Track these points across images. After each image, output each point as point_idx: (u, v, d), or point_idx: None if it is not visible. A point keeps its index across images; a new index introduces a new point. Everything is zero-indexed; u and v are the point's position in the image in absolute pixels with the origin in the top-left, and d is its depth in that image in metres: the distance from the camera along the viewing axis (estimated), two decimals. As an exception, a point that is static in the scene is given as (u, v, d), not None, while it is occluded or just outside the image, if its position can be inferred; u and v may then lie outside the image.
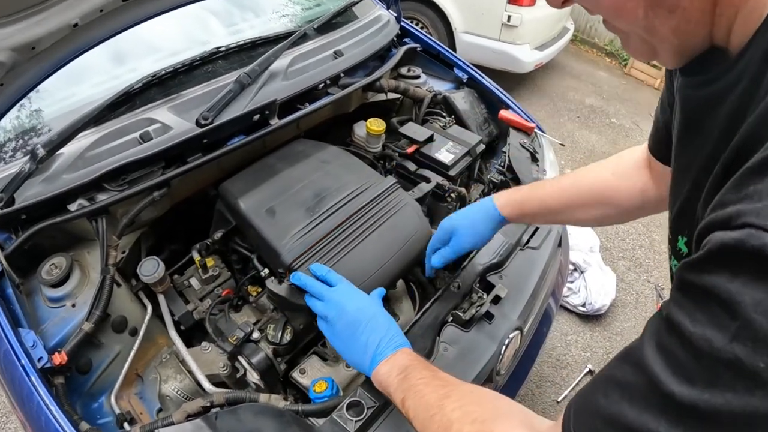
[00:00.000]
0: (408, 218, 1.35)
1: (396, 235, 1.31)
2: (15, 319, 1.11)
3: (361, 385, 1.07)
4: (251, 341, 1.21)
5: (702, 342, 0.43)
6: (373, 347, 0.95)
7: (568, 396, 2.46)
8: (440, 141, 1.69)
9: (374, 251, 1.27)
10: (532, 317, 1.41)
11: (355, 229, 1.28)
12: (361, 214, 1.30)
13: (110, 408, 1.19)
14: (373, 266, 1.24)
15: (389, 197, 1.35)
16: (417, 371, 0.87)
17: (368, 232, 1.29)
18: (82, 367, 1.18)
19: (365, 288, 1.12)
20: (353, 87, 1.64)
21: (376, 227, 1.30)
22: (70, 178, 1.26)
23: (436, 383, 0.84)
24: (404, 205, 1.36)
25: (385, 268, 1.26)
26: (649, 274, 3.20)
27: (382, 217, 1.32)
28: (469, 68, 2.03)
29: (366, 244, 1.27)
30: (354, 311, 1.01)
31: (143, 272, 1.26)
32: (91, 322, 1.15)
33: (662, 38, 0.59)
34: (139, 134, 1.36)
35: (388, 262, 1.26)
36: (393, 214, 1.33)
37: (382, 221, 1.31)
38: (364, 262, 1.24)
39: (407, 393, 0.85)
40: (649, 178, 1.03)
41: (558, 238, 1.61)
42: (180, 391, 1.27)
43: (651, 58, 0.66)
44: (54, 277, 1.20)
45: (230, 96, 1.42)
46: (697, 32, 0.58)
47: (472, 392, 0.82)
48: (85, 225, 1.29)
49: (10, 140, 1.38)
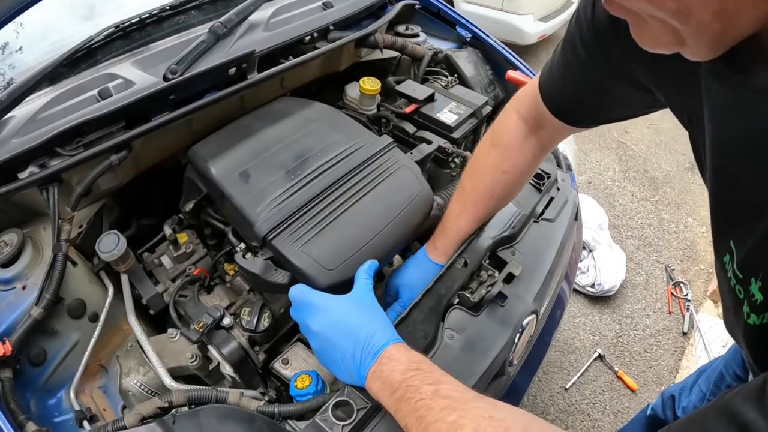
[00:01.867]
0: (406, 182, 1.16)
1: (392, 201, 1.12)
2: None
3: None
4: (222, 328, 1.05)
5: None
6: (350, 359, 0.79)
7: (576, 382, 2.32)
8: (442, 101, 1.51)
9: (366, 219, 1.08)
10: (547, 299, 1.24)
11: (342, 193, 1.10)
12: (351, 176, 1.12)
13: (70, 404, 1.09)
14: (364, 237, 1.05)
15: (384, 158, 1.17)
16: (413, 389, 0.70)
17: (359, 197, 1.10)
18: (34, 358, 1.07)
19: (354, 263, 0.95)
20: (344, 40, 1.45)
21: (368, 192, 1.11)
22: (20, 142, 1.11)
23: (440, 404, 0.67)
24: (401, 167, 1.17)
25: (379, 239, 1.06)
26: (659, 254, 3.06)
27: (375, 179, 1.13)
28: (473, 27, 1.84)
29: (356, 211, 1.08)
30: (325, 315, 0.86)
31: (102, 249, 1.12)
32: (41, 307, 1.03)
33: (698, 24, 0.45)
34: (97, 91, 1.20)
35: (382, 231, 1.07)
36: (388, 177, 1.15)
37: (375, 185, 1.12)
38: (353, 232, 1.06)
39: (408, 420, 0.69)
40: (536, 143, 1.04)
41: (575, 210, 1.44)
42: (143, 385, 1.13)
43: (673, 48, 0.50)
44: (4, 255, 1.09)
45: (203, 47, 1.24)
46: (748, 15, 0.44)
47: (491, 417, 0.64)
48: (39, 197, 1.14)
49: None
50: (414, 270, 1.12)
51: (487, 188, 1.09)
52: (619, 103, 0.85)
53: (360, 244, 1.04)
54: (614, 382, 2.37)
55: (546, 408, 2.23)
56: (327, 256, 1.01)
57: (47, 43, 1.40)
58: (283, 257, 1.00)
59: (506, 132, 1.05)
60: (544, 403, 2.24)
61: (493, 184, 1.08)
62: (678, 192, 3.53)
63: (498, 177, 1.07)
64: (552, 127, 0.97)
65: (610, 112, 0.90)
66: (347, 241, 1.04)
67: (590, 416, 2.25)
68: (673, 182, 3.60)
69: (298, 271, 0.99)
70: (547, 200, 1.36)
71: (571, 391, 2.30)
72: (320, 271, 0.99)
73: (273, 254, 1.02)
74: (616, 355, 2.48)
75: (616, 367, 2.41)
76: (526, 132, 1.03)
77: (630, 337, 2.58)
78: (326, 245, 1.02)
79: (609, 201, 3.34)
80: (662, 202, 3.44)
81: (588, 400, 2.30)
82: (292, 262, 0.99)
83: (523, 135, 1.03)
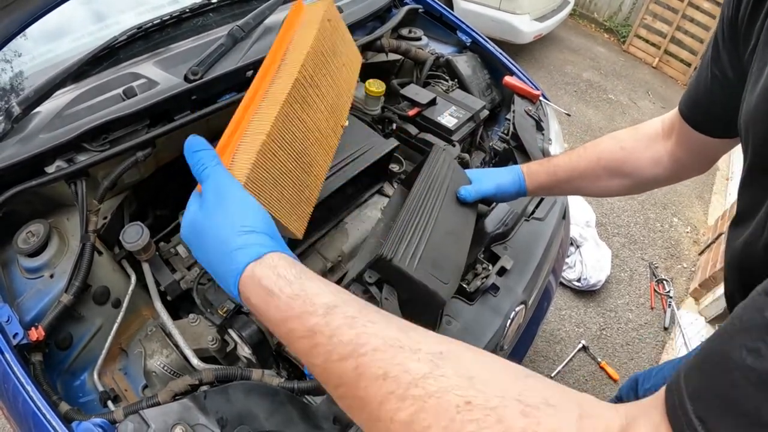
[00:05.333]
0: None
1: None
2: None
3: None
4: (242, 313, 1.14)
5: None
6: (230, 241, 0.61)
7: (561, 371, 2.44)
8: (443, 105, 1.61)
9: (452, 232, 1.04)
10: (536, 291, 1.35)
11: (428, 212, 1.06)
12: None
13: (93, 385, 1.13)
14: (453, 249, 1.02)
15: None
16: (347, 303, 0.53)
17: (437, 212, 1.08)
18: (61, 342, 1.12)
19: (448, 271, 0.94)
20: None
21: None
22: (48, 137, 1.17)
23: (398, 325, 0.51)
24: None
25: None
26: (644, 251, 3.18)
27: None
28: (473, 32, 1.94)
29: (440, 224, 1.04)
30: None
31: (126, 239, 1.17)
32: (70, 294, 1.08)
33: None
34: (122, 90, 1.26)
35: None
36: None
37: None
38: (446, 246, 1.00)
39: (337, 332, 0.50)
40: (667, 150, 1.01)
41: (563, 210, 1.55)
42: (166, 366, 1.19)
43: None
44: (31, 245, 1.13)
45: (222, 50, 1.32)
46: None
47: (475, 359, 0.48)
48: (65, 189, 1.20)
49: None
50: (506, 174, 1.16)
51: (600, 148, 1.09)
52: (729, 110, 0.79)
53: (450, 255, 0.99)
54: (597, 372, 2.49)
55: (532, 395, 2.34)
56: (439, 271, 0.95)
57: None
58: (404, 276, 0.88)
59: (647, 124, 1.07)
60: (530, 391, 2.35)
61: (607, 148, 1.08)
62: (664, 192, 3.65)
63: (614, 146, 1.07)
64: (681, 132, 0.96)
65: (723, 120, 0.84)
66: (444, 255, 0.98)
67: (574, 404, 2.36)
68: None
69: (422, 290, 0.90)
70: (537, 200, 1.46)
71: (555, 380, 2.40)
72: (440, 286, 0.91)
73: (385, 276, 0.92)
74: (599, 347, 2.60)
75: (599, 358, 2.52)
76: (658, 131, 1.03)
77: (613, 330, 2.70)
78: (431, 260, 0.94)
79: (597, 200, 3.45)
80: (649, 201, 3.56)
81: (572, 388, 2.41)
82: (416, 280, 0.89)
83: (654, 132, 1.04)
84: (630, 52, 5.52)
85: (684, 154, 0.98)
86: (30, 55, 1.43)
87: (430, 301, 0.87)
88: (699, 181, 3.78)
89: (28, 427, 0.96)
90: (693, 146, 0.95)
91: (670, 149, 1.00)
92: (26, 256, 1.14)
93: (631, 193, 1.12)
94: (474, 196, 1.11)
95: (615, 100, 4.58)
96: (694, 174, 1.02)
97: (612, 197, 2.46)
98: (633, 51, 5.50)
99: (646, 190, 1.12)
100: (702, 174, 1.01)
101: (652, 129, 1.04)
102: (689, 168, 1.01)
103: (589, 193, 1.15)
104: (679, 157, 1.00)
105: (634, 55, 5.49)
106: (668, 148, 1.01)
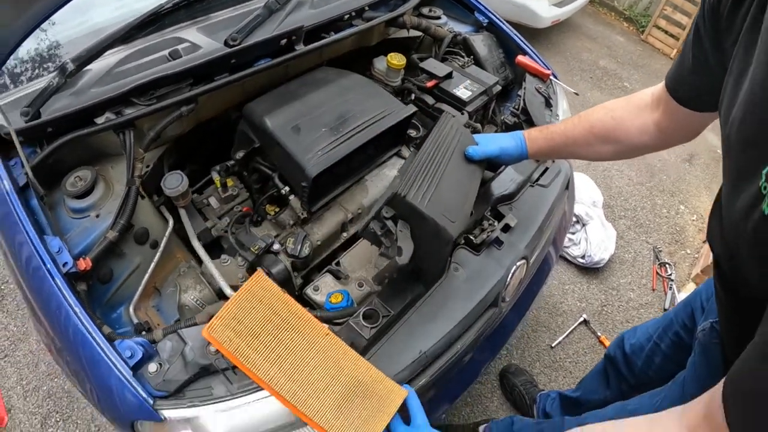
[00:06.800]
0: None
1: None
2: (40, 229, 1.13)
3: (377, 295, 1.13)
4: (271, 252, 1.28)
5: None
6: None
7: (561, 342, 2.55)
8: (458, 78, 1.73)
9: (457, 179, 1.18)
10: (537, 250, 1.47)
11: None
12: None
13: (128, 318, 1.22)
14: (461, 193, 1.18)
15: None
16: None
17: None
18: (103, 276, 1.21)
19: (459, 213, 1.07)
20: (378, 20, 1.67)
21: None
22: (99, 92, 1.29)
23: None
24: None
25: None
26: (648, 235, 3.26)
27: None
28: (490, 13, 2.04)
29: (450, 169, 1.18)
30: None
31: (167, 185, 1.29)
32: (116, 231, 1.18)
33: None
34: (168, 52, 1.40)
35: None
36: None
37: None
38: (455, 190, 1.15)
39: None
40: (653, 120, 1.11)
41: (566, 181, 1.66)
42: (199, 300, 1.31)
43: None
44: (78, 188, 1.23)
45: (258, 20, 1.45)
46: None
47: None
48: (110, 140, 1.31)
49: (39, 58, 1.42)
50: (509, 138, 1.28)
51: (593, 117, 1.20)
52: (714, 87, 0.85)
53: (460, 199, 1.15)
54: (596, 346, 2.59)
55: (533, 362, 2.46)
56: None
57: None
58: (416, 211, 1.02)
59: (637, 95, 1.16)
60: (531, 358, 2.47)
61: (599, 118, 1.19)
62: (673, 180, 3.71)
63: (606, 116, 1.18)
64: (667, 105, 1.05)
65: (708, 97, 0.91)
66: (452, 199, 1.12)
67: (572, 373, 2.47)
68: (670, 171, 3.79)
69: (432, 225, 1.03)
70: (542, 169, 1.59)
71: (556, 350, 2.53)
72: (448, 223, 1.05)
73: (400, 211, 1.04)
74: (599, 322, 2.71)
75: (599, 332, 2.62)
76: (647, 103, 1.13)
77: (614, 307, 2.80)
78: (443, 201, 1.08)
79: (606, 183, 3.54)
80: (657, 188, 3.62)
81: (571, 359, 2.52)
82: (427, 216, 1.02)
83: (643, 103, 1.13)
84: (648, 42, 5.53)
85: (670, 125, 1.08)
86: (76, 20, 1.55)
87: (439, 237, 1.00)
88: (708, 172, 3.84)
89: (74, 347, 1.05)
90: (678, 118, 1.04)
91: (657, 119, 1.10)
92: (74, 198, 1.23)
93: (621, 158, 1.23)
94: (480, 155, 1.23)
95: (630, 88, 4.62)
96: (680, 142, 1.12)
97: (605, 161, 2.49)
98: (651, 41, 5.51)
99: (634, 156, 1.22)
100: (688, 142, 1.12)
101: (641, 100, 1.14)
102: (675, 137, 1.11)
103: (583, 156, 1.26)
104: (665, 127, 1.09)
105: (652, 45, 5.50)
106: (655, 119, 1.10)
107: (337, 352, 0.98)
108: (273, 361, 0.93)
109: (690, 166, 3.87)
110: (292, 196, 1.35)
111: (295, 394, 0.90)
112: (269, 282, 1.01)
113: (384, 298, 1.12)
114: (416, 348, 1.13)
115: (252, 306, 0.97)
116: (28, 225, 1.10)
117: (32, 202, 1.18)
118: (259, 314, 0.96)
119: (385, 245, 1.02)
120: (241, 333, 0.93)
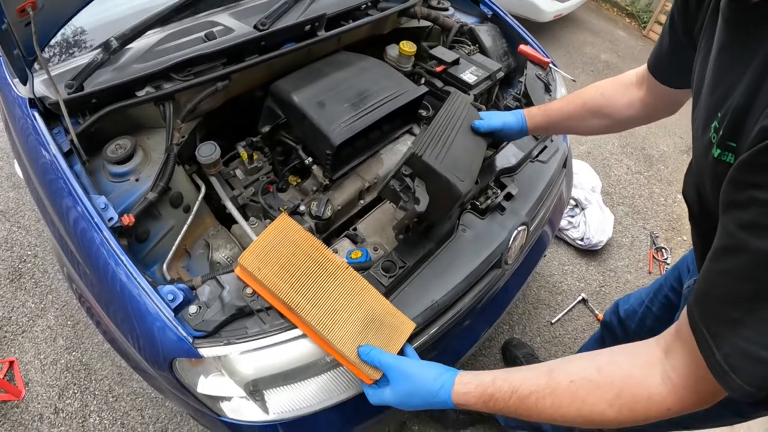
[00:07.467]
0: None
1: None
2: (85, 190, 1.21)
3: (394, 249, 1.28)
4: (298, 213, 1.42)
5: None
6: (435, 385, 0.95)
7: (561, 319, 2.68)
8: (465, 65, 1.88)
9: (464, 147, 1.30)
10: (537, 219, 1.61)
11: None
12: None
13: (162, 276, 1.31)
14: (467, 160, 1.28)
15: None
16: (496, 386, 0.88)
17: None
18: (141, 235, 1.31)
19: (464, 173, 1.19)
20: (391, 10, 1.82)
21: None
22: (140, 67, 1.41)
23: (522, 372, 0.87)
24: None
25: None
26: (646, 221, 3.38)
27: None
28: (494, 5, 2.18)
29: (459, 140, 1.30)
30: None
31: (201, 153, 1.42)
32: (156, 192, 1.28)
33: None
34: (204, 34, 1.54)
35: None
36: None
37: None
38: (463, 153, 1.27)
39: (502, 400, 0.86)
40: (639, 96, 1.25)
41: (563, 159, 1.81)
42: (229, 258, 1.43)
43: None
44: (119, 155, 1.33)
45: (285, 7, 1.59)
46: None
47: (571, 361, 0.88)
48: (148, 113, 1.43)
49: (84, 34, 1.55)
50: (511, 115, 1.42)
51: (585, 95, 1.33)
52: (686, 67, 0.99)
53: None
54: (594, 324, 2.72)
55: (533, 338, 2.59)
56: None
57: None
58: (430, 169, 1.14)
59: (624, 75, 1.30)
60: (531, 333, 2.61)
61: (591, 95, 1.32)
62: (671, 170, 3.83)
63: (596, 93, 1.32)
64: (649, 84, 1.19)
65: (683, 76, 1.03)
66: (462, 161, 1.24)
67: (570, 349, 2.59)
68: (668, 161, 3.91)
69: (444, 182, 1.15)
70: (542, 147, 1.73)
71: (555, 326, 2.66)
72: (458, 181, 1.17)
73: (416, 169, 1.17)
74: (597, 301, 2.83)
75: (597, 311, 2.75)
76: (633, 81, 1.27)
77: (612, 288, 2.93)
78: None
79: (605, 171, 3.67)
80: (655, 177, 3.74)
81: (570, 335, 2.64)
82: (440, 173, 1.14)
83: (629, 82, 1.27)
84: (650, 37, 5.65)
85: (653, 101, 1.22)
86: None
87: (450, 193, 1.14)
88: (705, 162, 3.95)
89: (120, 294, 1.14)
90: (659, 94, 1.19)
91: (642, 96, 1.24)
92: (114, 164, 1.33)
93: (611, 131, 1.37)
94: (485, 128, 1.38)
95: (631, 82, 4.73)
96: (664, 116, 1.26)
97: (597, 134, 2.59)
98: (653, 36, 5.63)
99: (624, 129, 1.36)
100: (671, 116, 1.26)
101: (628, 79, 1.29)
102: (658, 111, 1.25)
103: (578, 131, 1.40)
104: (648, 103, 1.24)
105: (653, 40, 5.60)
106: (640, 95, 1.25)
107: (357, 285, 1.13)
108: (299, 289, 1.07)
109: (688, 157, 3.97)
110: (314, 166, 1.50)
111: (320, 321, 1.04)
112: (294, 222, 1.17)
113: (400, 253, 1.26)
114: (429, 297, 1.27)
115: (279, 241, 1.12)
116: (76, 184, 1.19)
117: (75, 167, 1.26)
118: (285, 249, 1.11)
119: (403, 200, 1.16)
120: (270, 263, 1.08)
